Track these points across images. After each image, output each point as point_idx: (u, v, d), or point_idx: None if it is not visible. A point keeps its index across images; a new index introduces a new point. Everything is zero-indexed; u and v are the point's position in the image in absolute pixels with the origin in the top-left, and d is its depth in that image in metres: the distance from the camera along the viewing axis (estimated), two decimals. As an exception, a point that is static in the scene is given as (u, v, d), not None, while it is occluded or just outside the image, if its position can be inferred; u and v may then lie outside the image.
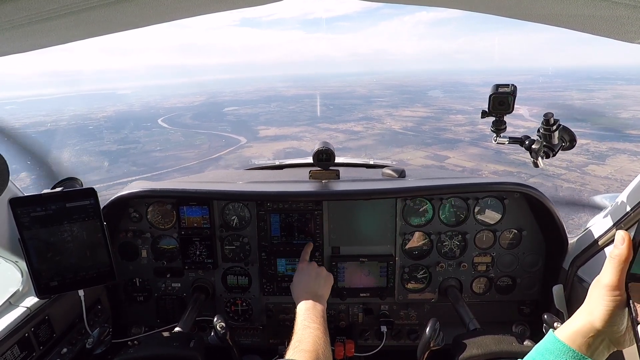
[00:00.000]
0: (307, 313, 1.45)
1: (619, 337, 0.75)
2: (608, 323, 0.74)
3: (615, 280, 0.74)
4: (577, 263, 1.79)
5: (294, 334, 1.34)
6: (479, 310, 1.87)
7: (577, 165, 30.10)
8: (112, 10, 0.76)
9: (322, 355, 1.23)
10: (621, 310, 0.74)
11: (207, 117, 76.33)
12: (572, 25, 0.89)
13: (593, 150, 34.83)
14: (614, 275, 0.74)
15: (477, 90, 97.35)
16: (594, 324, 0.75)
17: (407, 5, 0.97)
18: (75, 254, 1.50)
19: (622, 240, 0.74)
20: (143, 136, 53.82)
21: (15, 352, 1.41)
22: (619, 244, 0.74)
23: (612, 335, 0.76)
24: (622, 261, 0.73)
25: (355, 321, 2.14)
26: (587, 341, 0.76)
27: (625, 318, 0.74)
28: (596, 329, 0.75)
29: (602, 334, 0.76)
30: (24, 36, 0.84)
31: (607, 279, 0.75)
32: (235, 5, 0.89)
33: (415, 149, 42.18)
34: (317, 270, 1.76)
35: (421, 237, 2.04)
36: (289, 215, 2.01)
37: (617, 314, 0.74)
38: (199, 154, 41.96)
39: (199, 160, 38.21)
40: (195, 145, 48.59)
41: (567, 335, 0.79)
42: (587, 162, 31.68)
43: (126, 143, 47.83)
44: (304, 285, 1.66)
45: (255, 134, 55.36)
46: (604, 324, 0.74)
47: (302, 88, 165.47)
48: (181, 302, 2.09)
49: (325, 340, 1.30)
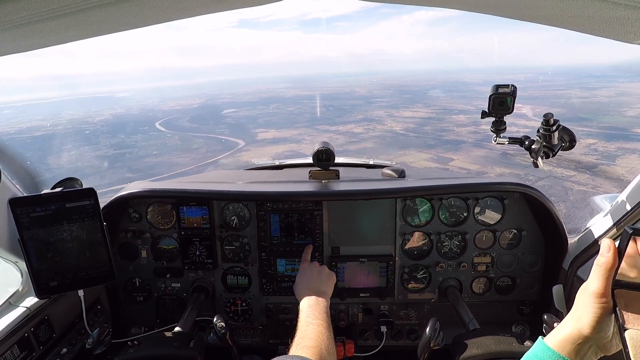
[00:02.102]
0: (310, 309, 1.44)
1: (606, 343, 0.77)
2: (596, 329, 0.76)
3: (601, 288, 0.75)
4: (577, 263, 1.79)
5: (297, 331, 1.32)
6: (478, 310, 1.87)
7: (587, 167, 29.58)
8: (111, 10, 0.76)
9: (325, 351, 1.21)
10: (608, 316, 0.75)
11: (205, 119, 75.93)
12: (572, 25, 0.89)
13: (602, 150, 34.37)
14: (600, 283, 0.76)
15: (477, 89, 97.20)
16: (582, 330, 0.77)
17: (405, 5, 0.97)
18: (75, 254, 1.50)
19: (607, 249, 0.76)
20: (140, 140, 53.40)
21: (15, 352, 1.41)
22: (604, 252, 0.76)
23: (599, 341, 0.77)
24: (608, 269, 0.75)
25: (355, 321, 2.14)
26: (576, 348, 0.78)
27: (611, 324, 0.76)
28: (584, 335, 0.77)
29: (590, 341, 0.77)
30: (24, 36, 0.84)
31: (594, 286, 0.76)
32: (234, 5, 0.89)
33: (418, 151, 41.78)
34: (319, 268, 1.76)
35: (421, 237, 2.04)
36: (288, 216, 2.01)
37: (604, 320, 0.75)
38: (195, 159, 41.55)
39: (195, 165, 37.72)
40: (193, 149, 48.21)
41: (556, 343, 0.80)
42: (596, 162, 31.20)
43: (122, 147, 47.39)
44: (307, 283, 1.65)
45: (254, 137, 55.01)
46: (592, 330, 0.76)
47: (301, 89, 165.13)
48: (181, 302, 2.10)
49: (328, 336, 1.29)
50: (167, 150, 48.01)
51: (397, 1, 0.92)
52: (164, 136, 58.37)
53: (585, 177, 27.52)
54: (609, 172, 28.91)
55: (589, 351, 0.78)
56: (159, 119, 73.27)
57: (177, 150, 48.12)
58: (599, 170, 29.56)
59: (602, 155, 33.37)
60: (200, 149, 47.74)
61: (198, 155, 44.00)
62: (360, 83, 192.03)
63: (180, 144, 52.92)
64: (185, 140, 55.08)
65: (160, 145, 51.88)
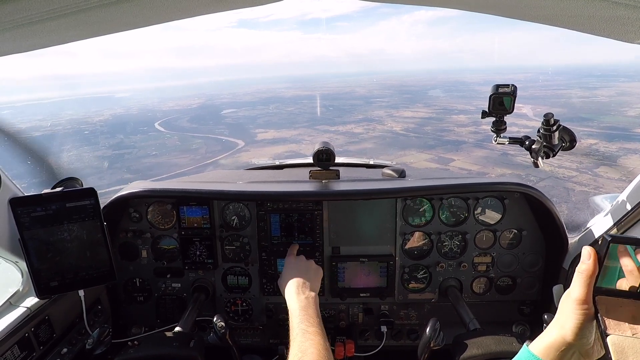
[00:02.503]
0: (303, 313, 1.40)
1: (588, 350, 0.79)
2: (579, 336, 0.77)
3: (583, 294, 0.78)
4: (578, 263, 1.78)
5: (292, 339, 1.29)
6: (479, 310, 1.87)
7: (588, 167, 29.24)
8: (111, 11, 0.76)
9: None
10: (590, 323, 0.78)
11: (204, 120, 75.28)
12: (572, 25, 0.89)
13: (603, 151, 33.99)
14: (582, 290, 0.78)
15: (477, 89, 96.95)
16: (565, 337, 0.79)
17: (405, 5, 0.97)
18: (75, 254, 1.50)
19: (588, 256, 0.79)
20: (139, 140, 52.74)
21: (16, 352, 1.41)
22: (585, 260, 0.79)
23: (582, 347, 0.79)
24: (589, 276, 0.78)
25: (356, 321, 2.13)
26: (560, 354, 0.80)
27: (593, 330, 0.78)
28: (567, 342, 0.78)
29: (573, 347, 0.79)
30: (25, 36, 0.84)
31: (576, 293, 0.79)
32: (234, 5, 0.89)
33: (418, 151, 41.36)
34: (307, 263, 1.70)
35: (421, 237, 2.04)
36: (289, 215, 2.01)
37: (587, 326, 0.77)
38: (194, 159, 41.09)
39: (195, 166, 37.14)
40: (192, 149, 47.68)
41: (540, 349, 0.82)
42: (598, 163, 30.83)
43: (121, 148, 46.59)
44: (296, 280, 1.57)
45: (253, 137, 54.58)
46: (575, 337, 0.78)
47: (301, 89, 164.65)
48: (181, 302, 2.10)
49: (326, 347, 1.25)
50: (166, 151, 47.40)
51: (398, 1, 0.92)
52: (163, 136, 57.86)
53: (587, 177, 27.30)
54: (610, 172, 28.64)
55: (572, 357, 0.80)
56: (159, 119, 72.77)
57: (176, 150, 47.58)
58: (600, 170, 29.33)
59: (604, 155, 33.01)
60: (199, 149, 47.34)
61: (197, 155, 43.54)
62: (360, 83, 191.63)
63: (180, 144, 52.43)
64: (184, 140, 54.66)
65: (159, 145, 51.35)
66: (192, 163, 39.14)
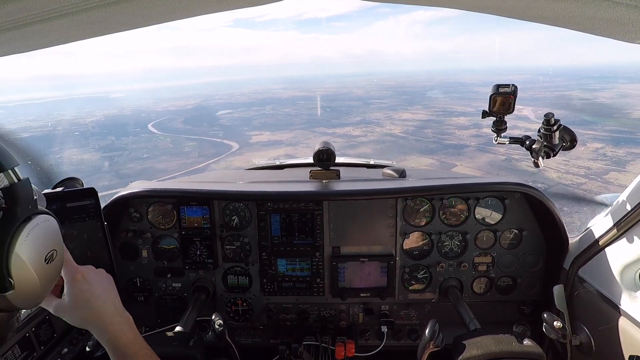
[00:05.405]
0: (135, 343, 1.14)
1: None
2: None
3: None
4: (578, 263, 1.78)
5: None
6: (479, 310, 1.87)
7: (597, 173, 28.20)
8: (111, 11, 0.76)
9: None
10: None
11: (199, 121, 73.66)
12: (573, 25, 0.89)
13: (611, 156, 32.97)
14: None
15: (477, 90, 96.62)
16: None
17: (403, 5, 0.97)
18: (75, 254, 1.49)
19: None
20: (130, 142, 51.29)
21: (16, 352, 1.42)
22: None
23: None
24: None
25: (356, 321, 2.13)
26: None
27: None
28: None
29: None
30: (25, 36, 0.84)
31: None
32: (234, 5, 0.89)
33: (419, 155, 40.42)
34: (101, 275, 1.21)
35: (421, 237, 2.04)
36: (289, 215, 2.01)
37: None
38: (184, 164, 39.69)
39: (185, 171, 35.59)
40: (184, 152, 46.42)
41: None
42: (607, 168, 29.73)
43: (112, 150, 45.13)
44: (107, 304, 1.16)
45: (248, 139, 53.34)
46: None
47: (297, 90, 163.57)
48: (182, 302, 2.10)
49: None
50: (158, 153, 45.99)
51: (396, 0, 0.93)
52: (156, 138, 56.25)
53: (597, 185, 25.94)
54: (620, 179, 27.11)
55: None
56: (152, 120, 71.16)
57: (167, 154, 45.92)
58: (609, 177, 28.00)
59: (612, 160, 31.89)
60: (191, 153, 45.79)
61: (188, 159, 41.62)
62: (358, 84, 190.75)
63: (172, 147, 51.05)
64: (177, 142, 53.24)
65: (151, 148, 49.80)
66: (182, 167, 37.69)
